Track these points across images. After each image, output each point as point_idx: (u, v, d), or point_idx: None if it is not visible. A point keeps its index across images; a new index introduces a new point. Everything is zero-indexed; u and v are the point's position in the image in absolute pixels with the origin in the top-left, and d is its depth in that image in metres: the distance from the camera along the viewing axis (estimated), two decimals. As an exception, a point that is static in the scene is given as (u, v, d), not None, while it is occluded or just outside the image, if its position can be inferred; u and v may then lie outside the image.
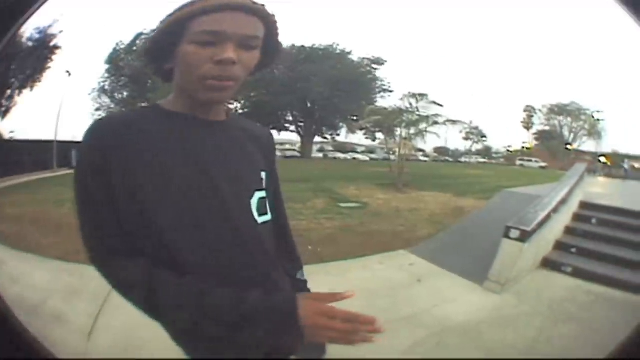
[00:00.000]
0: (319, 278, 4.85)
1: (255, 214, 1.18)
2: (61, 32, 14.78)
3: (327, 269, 5.10)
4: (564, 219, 5.84)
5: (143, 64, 1.21)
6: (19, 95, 14.33)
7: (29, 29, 13.94)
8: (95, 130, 1.08)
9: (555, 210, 5.37)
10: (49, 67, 14.89)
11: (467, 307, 4.12)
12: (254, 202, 1.19)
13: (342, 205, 9.49)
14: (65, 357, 2.55)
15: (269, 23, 1.11)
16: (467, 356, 3.22)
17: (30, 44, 14.48)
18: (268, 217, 1.24)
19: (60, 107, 14.17)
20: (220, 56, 1.02)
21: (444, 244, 6.30)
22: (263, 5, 1.07)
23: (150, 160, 1.07)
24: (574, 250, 5.28)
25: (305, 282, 1.49)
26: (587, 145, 21.16)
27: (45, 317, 3.42)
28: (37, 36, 14.55)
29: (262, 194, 1.23)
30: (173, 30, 1.04)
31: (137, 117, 1.15)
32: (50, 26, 14.58)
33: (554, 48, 20.76)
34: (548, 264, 5.11)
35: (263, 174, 1.26)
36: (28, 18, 1.12)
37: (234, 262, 1.12)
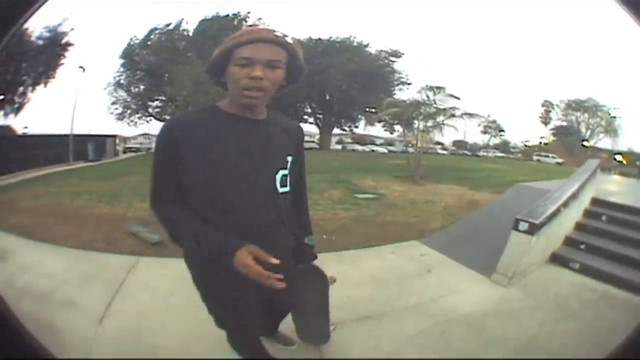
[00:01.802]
0: (332, 266, 5.00)
1: (278, 185, 1.75)
2: (72, 29, 15.07)
3: (340, 257, 5.27)
4: (575, 214, 5.83)
5: (207, 78, 1.77)
6: (32, 92, 14.72)
7: (38, 28, 14.30)
8: (171, 124, 1.70)
9: (565, 204, 5.36)
10: (62, 64, 15.22)
11: (473, 298, 4.20)
12: (278, 177, 1.75)
13: (359, 196, 9.61)
14: (67, 353, 2.69)
15: (289, 50, 1.62)
16: (469, 347, 3.29)
17: (40, 42, 14.82)
18: (287, 189, 1.80)
19: (76, 101, 14.35)
20: (252, 74, 1.57)
21: (456, 236, 6.39)
22: (285, 37, 1.59)
23: (209, 147, 1.65)
24: (583, 246, 5.26)
25: (312, 246, 2.16)
26: (604, 142, 20.75)
27: (56, 303, 3.53)
28: (47, 34, 14.87)
29: (285, 172, 1.79)
30: (223, 55, 1.61)
31: (200, 116, 1.72)
32: (60, 24, 14.86)
33: (571, 44, 20.27)
34: (556, 259, 5.12)
35: (289, 158, 1.81)
36: (29, 17, 1.24)
37: (257, 215, 1.70)
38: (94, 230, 5.93)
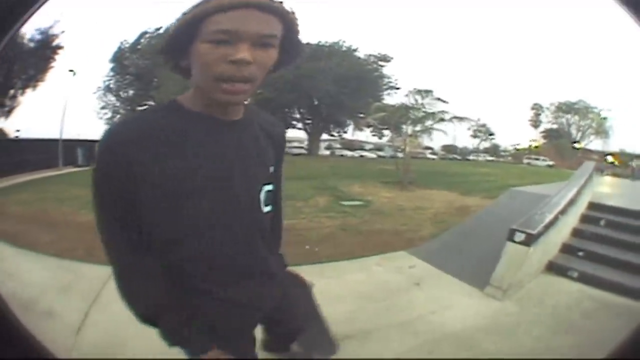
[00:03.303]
0: (314, 280, 4.67)
1: (262, 205, 1.31)
2: (63, 32, 14.92)
3: (323, 270, 4.93)
4: (572, 220, 5.55)
5: (162, 60, 1.23)
6: (22, 95, 14.66)
7: (29, 30, 14.13)
8: (114, 137, 1.13)
9: (562, 211, 5.09)
10: (52, 67, 15.09)
11: (465, 313, 3.92)
12: (262, 195, 1.31)
13: (345, 203, 9.34)
14: (55, 352, 2.52)
15: (287, 21, 1.10)
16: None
17: (32, 44, 14.70)
18: (270, 208, 1.37)
19: (65, 105, 14.31)
20: (234, 56, 1.03)
21: (447, 246, 6.06)
22: (281, 2, 1.06)
23: (172, 162, 1.13)
24: (581, 253, 4.98)
25: (282, 255, 1.59)
26: (595, 144, 20.87)
27: (37, 313, 3.42)
28: (38, 37, 14.76)
29: (270, 187, 1.35)
30: (188, 27, 1.05)
31: (156, 121, 1.17)
32: (51, 27, 14.76)
33: (561, 46, 20.46)
34: (554, 268, 4.84)
35: (271, 168, 1.37)
36: (28, 18, 1.15)
37: (239, 249, 1.26)
38: (75, 238, 5.86)
